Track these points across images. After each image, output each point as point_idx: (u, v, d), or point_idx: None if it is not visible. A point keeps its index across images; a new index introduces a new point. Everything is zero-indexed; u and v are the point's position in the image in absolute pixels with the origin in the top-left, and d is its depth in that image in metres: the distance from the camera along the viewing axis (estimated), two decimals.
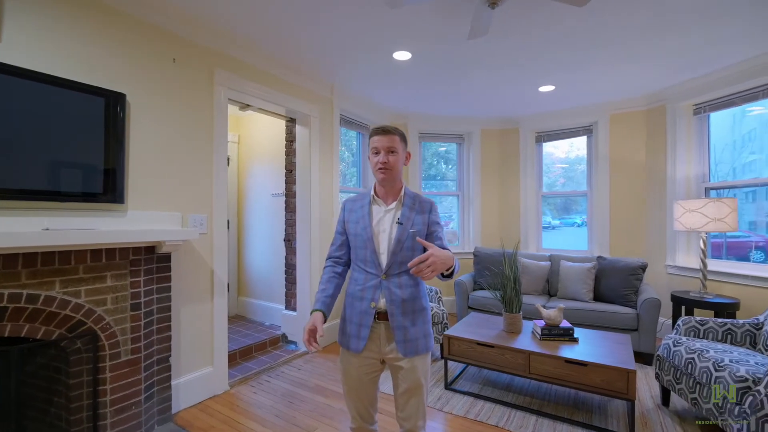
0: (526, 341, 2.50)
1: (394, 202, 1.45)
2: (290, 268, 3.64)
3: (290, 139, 3.63)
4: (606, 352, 2.29)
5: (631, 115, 3.90)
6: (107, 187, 1.99)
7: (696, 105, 3.43)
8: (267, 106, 3.17)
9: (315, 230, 3.45)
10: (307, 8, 2.27)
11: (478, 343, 2.53)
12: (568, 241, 4.64)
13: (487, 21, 1.99)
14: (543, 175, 4.63)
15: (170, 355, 2.26)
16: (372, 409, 1.50)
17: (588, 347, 2.38)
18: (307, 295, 3.42)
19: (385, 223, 1.43)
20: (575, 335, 2.52)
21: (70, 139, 1.85)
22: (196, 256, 2.49)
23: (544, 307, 3.22)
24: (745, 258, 3.36)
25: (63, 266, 1.80)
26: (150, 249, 2.15)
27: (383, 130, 1.41)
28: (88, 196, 1.92)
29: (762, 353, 2.15)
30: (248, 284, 4.15)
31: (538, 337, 2.54)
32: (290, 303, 3.64)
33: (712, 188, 3.38)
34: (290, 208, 3.65)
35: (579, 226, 4.99)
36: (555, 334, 2.52)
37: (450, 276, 1.30)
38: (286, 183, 3.68)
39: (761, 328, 2.27)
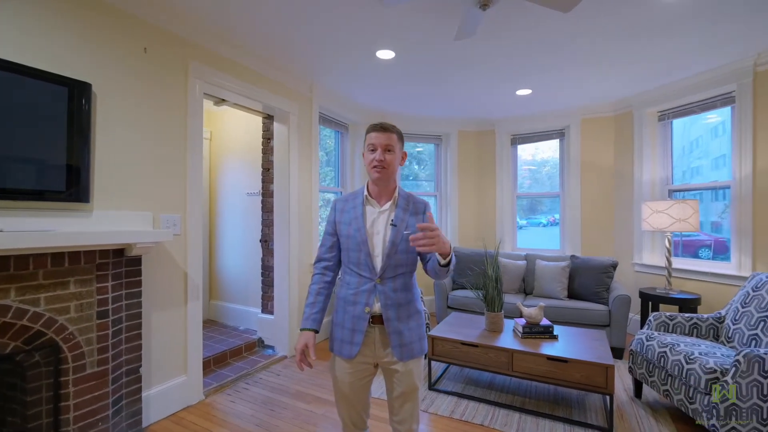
0: (508, 340, 2.54)
1: (388, 203, 1.41)
2: (267, 270, 3.52)
3: (267, 137, 3.51)
4: (584, 348, 2.36)
5: (601, 120, 4.08)
6: (70, 184, 1.83)
7: (660, 112, 3.63)
8: (244, 101, 3.05)
9: (294, 231, 3.35)
10: (290, 2, 2.19)
11: (463, 343, 2.54)
12: (534, 241, 4.80)
13: (476, 22, 2.00)
14: (518, 177, 4.75)
15: (141, 365, 2.11)
16: (365, 415, 1.46)
17: (567, 344, 2.44)
18: (285, 298, 3.31)
19: (379, 225, 1.39)
20: (554, 333, 2.59)
21: (29, 131, 1.68)
22: (168, 258, 2.34)
23: (525, 305, 3.28)
24: (694, 255, 3.60)
25: (19, 272, 1.63)
26: (119, 252, 1.99)
27: (382, 127, 1.36)
28: (48, 195, 1.75)
29: (724, 345, 2.30)
30: (221, 287, 3.98)
31: (520, 335, 2.59)
32: (267, 306, 3.52)
33: (675, 190, 3.59)
34: (267, 208, 3.53)
35: (544, 226, 5.29)
36: (536, 332, 2.57)
37: (448, 265, 1.27)
38: (263, 182, 3.55)
39: (723, 321, 2.43)
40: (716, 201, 3.44)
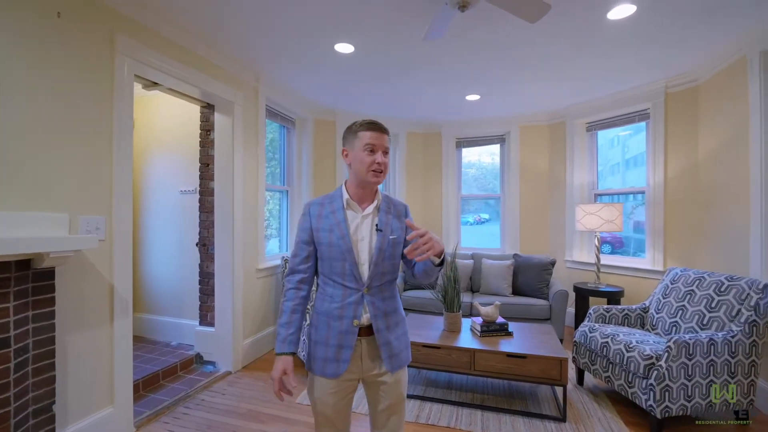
0: (468, 339, 2.59)
1: (371, 206, 1.30)
2: (206, 277, 3.16)
3: (207, 128, 3.15)
4: (538, 343, 2.50)
5: (538, 128, 4.40)
6: None
7: (588, 123, 4.02)
8: (181, 86, 2.68)
9: (238, 233, 3.05)
10: None
11: (425, 346, 2.53)
12: (464, 239, 5.00)
13: (447, 22, 1.98)
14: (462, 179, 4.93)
15: (54, 402, 1.72)
16: None
17: (522, 340, 2.56)
18: (228, 308, 3.00)
19: (363, 231, 1.28)
20: (509, 329, 2.70)
21: None
22: (90, 269, 1.95)
23: (479, 304, 3.39)
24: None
25: None
26: (23, 264, 1.60)
27: (380, 128, 1.25)
28: None
29: (650, 332, 2.60)
30: (148, 298, 3.48)
31: (478, 334, 2.65)
32: (206, 317, 3.15)
33: (600, 194, 4.01)
34: (206, 208, 3.16)
35: (471, 224, 5.75)
36: (493, 329, 2.66)
37: (442, 264, 1.21)
38: (201, 178, 3.17)
39: (647, 311, 2.75)
40: (627, 203, 3.92)
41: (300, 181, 4.19)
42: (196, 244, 3.24)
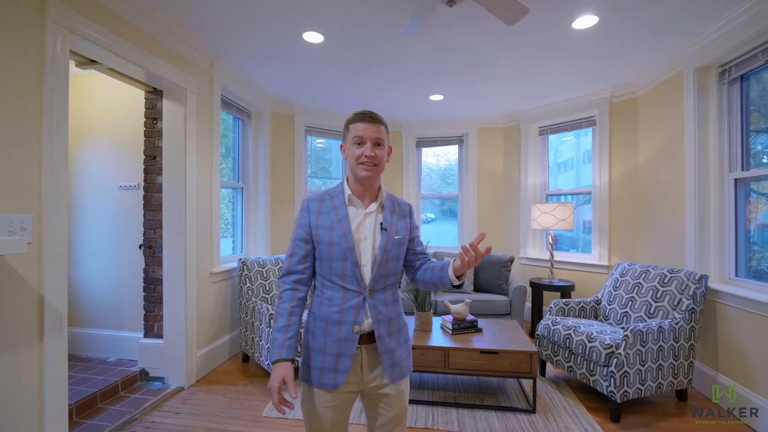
0: (440, 338, 2.59)
1: (373, 204, 1.22)
2: (152, 284, 2.82)
3: (153, 117, 2.81)
4: (508, 338, 2.57)
5: (494, 130, 4.57)
6: None
7: (541, 127, 4.26)
8: (124, 66, 2.35)
9: (191, 234, 2.76)
10: None
11: None
12: (423, 239, 5.09)
13: (429, 16, 1.95)
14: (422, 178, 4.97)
15: None
16: None
17: (492, 336, 2.62)
18: (179, 317, 2.70)
19: (366, 230, 1.19)
20: (479, 326, 2.75)
21: None
22: (12, 277, 1.62)
23: (449, 302, 3.42)
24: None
25: None
26: None
27: (371, 117, 1.17)
28: None
29: (604, 323, 2.80)
30: (79, 309, 3.02)
31: (450, 332, 2.66)
32: (152, 329, 2.82)
33: (551, 194, 4.26)
34: (152, 206, 2.82)
35: (424, 223, 5.76)
36: (463, 327, 2.69)
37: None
38: (147, 173, 2.83)
39: (600, 303, 2.97)
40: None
41: (257, 178, 3.93)
42: (140, 247, 2.88)
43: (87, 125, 3.00)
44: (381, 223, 1.21)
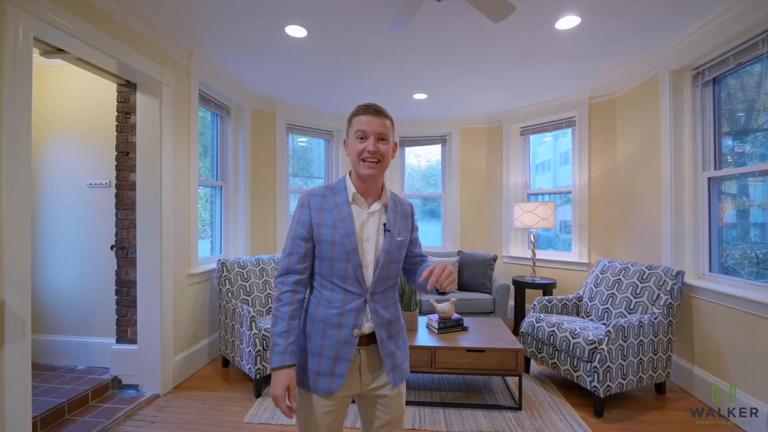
0: (426, 337, 2.57)
1: (376, 203, 1.17)
2: (125, 286, 2.68)
3: (126, 111, 2.67)
4: (494, 336, 2.58)
5: (477, 130, 4.60)
6: None
7: (522, 127, 4.32)
8: (94, 56, 2.22)
9: (167, 234, 2.64)
10: None
11: None
12: None
13: (414, 11, 1.92)
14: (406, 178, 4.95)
15: None
16: None
17: (478, 334, 2.62)
18: (155, 320, 2.57)
19: (369, 230, 1.15)
20: (465, 324, 2.75)
21: None
22: None
23: (436, 301, 3.41)
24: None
25: None
26: None
27: (376, 110, 1.12)
28: None
29: (585, 319, 2.85)
30: (45, 315, 2.84)
31: (436, 331, 2.65)
32: (125, 334, 2.68)
33: (532, 194, 4.33)
34: (125, 205, 2.68)
35: None
36: (449, 326, 2.68)
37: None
38: (119, 170, 2.68)
39: (582, 300, 3.02)
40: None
41: (236, 177, 3.81)
42: (112, 248, 2.73)
43: (53, 118, 2.83)
44: (384, 224, 1.17)
